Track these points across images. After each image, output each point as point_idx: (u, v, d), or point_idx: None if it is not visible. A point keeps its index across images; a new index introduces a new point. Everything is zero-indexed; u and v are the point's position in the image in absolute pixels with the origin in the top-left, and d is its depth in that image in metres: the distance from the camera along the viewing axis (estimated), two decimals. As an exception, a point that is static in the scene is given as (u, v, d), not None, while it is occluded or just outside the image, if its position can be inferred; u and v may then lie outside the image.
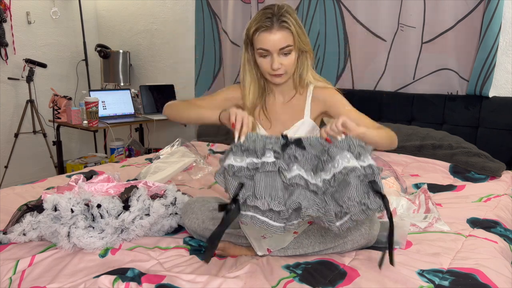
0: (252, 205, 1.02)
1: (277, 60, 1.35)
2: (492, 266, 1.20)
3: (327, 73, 2.76)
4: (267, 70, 1.39)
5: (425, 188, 1.67)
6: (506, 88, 2.30)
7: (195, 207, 1.37)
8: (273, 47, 1.33)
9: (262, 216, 1.04)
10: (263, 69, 1.40)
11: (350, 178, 1.06)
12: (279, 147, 1.09)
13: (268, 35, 1.32)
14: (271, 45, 1.33)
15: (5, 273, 1.19)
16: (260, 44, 1.34)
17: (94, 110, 2.93)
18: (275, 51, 1.34)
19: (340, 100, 1.45)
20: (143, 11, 3.79)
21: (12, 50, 3.50)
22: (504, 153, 2.20)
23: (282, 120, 1.50)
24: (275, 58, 1.35)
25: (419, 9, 2.42)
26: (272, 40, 1.32)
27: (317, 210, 1.04)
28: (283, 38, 1.32)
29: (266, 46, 1.33)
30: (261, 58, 1.37)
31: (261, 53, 1.36)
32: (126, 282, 1.09)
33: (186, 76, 3.61)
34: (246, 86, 1.47)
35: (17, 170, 3.57)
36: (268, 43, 1.33)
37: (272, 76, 1.40)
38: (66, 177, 2.08)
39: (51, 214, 1.30)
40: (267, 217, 1.04)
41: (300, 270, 1.19)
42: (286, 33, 1.32)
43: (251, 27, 1.36)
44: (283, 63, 1.36)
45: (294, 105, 1.50)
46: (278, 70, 1.36)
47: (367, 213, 1.07)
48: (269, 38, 1.32)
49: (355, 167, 1.06)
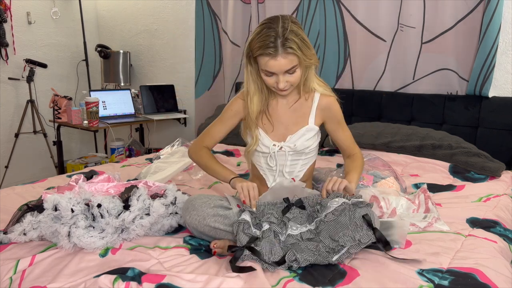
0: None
1: (283, 80, 1.37)
2: (492, 265, 1.20)
3: (327, 73, 2.76)
4: (271, 85, 1.42)
5: (424, 188, 1.68)
6: (506, 88, 2.30)
7: (197, 203, 1.38)
8: (278, 71, 1.35)
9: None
10: (268, 84, 1.42)
11: (341, 216, 1.24)
12: (280, 212, 1.32)
13: (273, 61, 1.33)
14: (276, 69, 1.35)
15: (5, 273, 1.19)
16: (264, 67, 1.36)
17: (95, 110, 2.94)
18: (280, 73, 1.36)
19: (338, 112, 1.54)
20: (143, 11, 3.79)
21: (13, 50, 3.51)
22: (504, 153, 2.20)
23: (285, 124, 1.52)
24: (280, 78, 1.37)
25: (419, 9, 2.42)
26: (277, 66, 1.34)
27: (312, 256, 1.20)
28: (288, 62, 1.34)
29: (271, 70, 1.35)
30: (266, 77, 1.40)
31: (266, 73, 1.39)
32: (126, 281, 1.09)
33: (186, 76, 3.62)
34: (250, 95, 1.49)
35: (18, 170, 3.57)
36: (273, 68, 1.35)
37: (278, 90, 1.43)
38: (67, 177, 2.08)
39: (51, 214, 1.30)
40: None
41: (300, 269, 1.20)
42: (291, 57, 1.33)
43: (253, 48, 1.36)
44: (288, 80, 1.39)
45: (298, 110, 1.52)
46: (284, 87, 1.40)
47: (360, 246, 1.22)
48: (274, 64, 1.34)
49: (344, 202, 1.25)
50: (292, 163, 1.52)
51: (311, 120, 1.51)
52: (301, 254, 1.20)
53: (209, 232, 1.35)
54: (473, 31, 2.28)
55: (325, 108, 1.52)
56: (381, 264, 1.20)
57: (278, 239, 1.26)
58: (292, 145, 1.49)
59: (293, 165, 1.52)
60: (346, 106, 1.75)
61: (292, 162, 1.52)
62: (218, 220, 1.34)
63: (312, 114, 1.51)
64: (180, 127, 3.68)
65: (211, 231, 1.35)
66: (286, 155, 1.50)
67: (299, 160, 1.52)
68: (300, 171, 1.54)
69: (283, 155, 1.50)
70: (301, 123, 1.51)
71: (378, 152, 2.18)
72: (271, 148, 1.49)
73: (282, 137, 1.51)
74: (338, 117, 1.55)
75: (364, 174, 1.73)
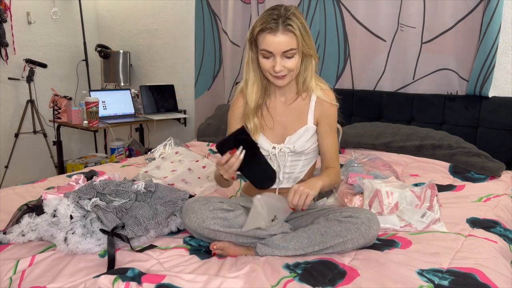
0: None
1: (280, 63, 1.36)
2: (492, 266, 1.20)
3: (327, 73, 2.76)
4: (269, 71, 1.40)
5: (433, 184, 1.62)
6: (506, 88, 2.30)
7: (196, 206, 1.38)
8: (276, 49, 1.34)
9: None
10: (265, 69, 1.40)
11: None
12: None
13: (272, 37, 1.33)
14: (275, 47, 1.34)
15: (5, 273, 1.19)
16: (263, 45, 1.35)
17: (95, 110, 2.93)
18: (278, 53, 1.34)
19: (333, 115, 1.51)
20: (143, 11, 3.79)
21: (12, 50, 3.50)
22: (504, 153, 2.20)
23: (283, 123, 1.51)
24: (277, 60, 1.35)
25: (419, 9, 2.42)
26: (276, 43, 1.33)
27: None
28: (287, 41, 1.33)
29: (269, 48, 1.34)
30: (264, 59, 1.38)
31: (264, 54, 1.37)
32: (126, 282, 1.09)
33: (186, 76, 3.62)
34: (249, 85, 1.49)
35: (17, 170, 3.57)
36: (271, 45, 1.34)
37: (274, 77, 1.41)
38: (67, 177, 2.08)
39: (48, 219, 1.30)
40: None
41: (300, 269, 1.20)
42: (291, 37, 1.33)
43: (256, 27, 1.37)
44: (285, 65, 1.37)
45: (296, 109, 1.51)
46: (280, 72, 1.37)
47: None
48: (273, 40, 1.33)
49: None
50: (292, 164, 1.51)
51: (310, 120, 1.50)
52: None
53: (209, 235, 1.35)
54: (473, 31, 2.28)
55: (320, 109, 1.50)
56: (381, 264, 1.21)
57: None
58: (291, 147, 1.48)
59: (293, 166, 1.52)
60: (346, 106, 1.76)
61: (292, 163, 1.51)
62: (218, 222, 1.33)
63: (310, 113, 1.50)
64: (180, 127, 3.68)
65: (210, 233, 1.35)
66: (286, 156, 1.49)
67: (299, 161, 1.52)
68: (300, 172, 1.53)
69: (283, 156, 1.50)
70: (300, 123, 1.50)
71: (378, 152, 2.18)
72: (271, 151, 1.49)
73: (281, 137, 1.51)
74: (331, 121, 1.51)
75: (364, 174, 1.73)
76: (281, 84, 1.43)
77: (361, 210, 1.36)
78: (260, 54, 1.38)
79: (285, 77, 1.40)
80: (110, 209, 1.32)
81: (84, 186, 1.41)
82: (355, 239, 1.28)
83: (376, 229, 1.31)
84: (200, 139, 2.91)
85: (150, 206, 1.40)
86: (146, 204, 1.39)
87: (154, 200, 1.46)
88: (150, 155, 2.47)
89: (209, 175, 2.05)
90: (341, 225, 1.29)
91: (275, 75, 1.39)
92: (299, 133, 1.49)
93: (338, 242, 1.28)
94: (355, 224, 1.28)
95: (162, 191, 1.49)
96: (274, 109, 1.52)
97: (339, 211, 1.35)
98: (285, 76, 1.40)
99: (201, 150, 2.65)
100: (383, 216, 1.52)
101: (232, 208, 1.39)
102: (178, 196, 1.49)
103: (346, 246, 1.29)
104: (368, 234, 1.29)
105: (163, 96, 3.48)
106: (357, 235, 1.28)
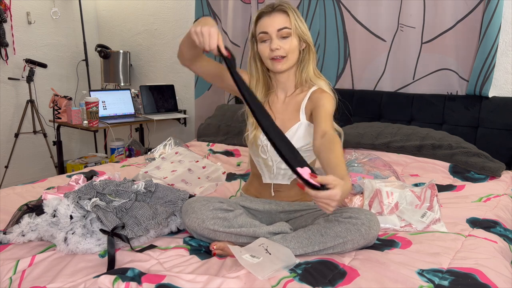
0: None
1: (276, 42, 1.41)
2: (492, 266, 1.20)
3: (327, 73, 2.76)
4: (266, 55, 1.44)
5: (433, 184, 1.63)
6: (506, 88, 2.30)
7: (196, 206, 1.38)
8: (271, 27, 1.41)
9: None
10: (264, 56, 1.45)
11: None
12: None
13: (267, 18, 1.43)
14: (269, 25, 1.41)
15: (5, 273, 1.19)
16: (260, 29, 1.43)
17: (94, 110, 2.93)
18: (273, 32, 1.41)
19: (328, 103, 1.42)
20: (143, 11, 3.79)
21: (12, 50, 3.50)
22: (504, 153, 2.20)
23: (281, 119, 1.51)
24: (273, 39, 1.41)
25: (419, 9, 2.42)
26: (270, 21, 1.41)
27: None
28: (281, 20, 1.41)
29: (265, 29, 1.42)
30: (262, 45, 1.44)
31: (261, 38, 1.43)
32: (126, 282, 1.09)
33: (186, 76, 3.62)
34: (253, 82, 1.53)
35: (17, 170, 3.57)
36: (266, 26, 1.42)
37: (273, 61, 1.43)
38: (67, 177, 2.08)
39: (48, 220, 1.30)
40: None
41: (300, 269, 1.19)
42: (284, 17, 1.42)
43: (254, 19, 1.47)
44: (282, 46, 1.41)
45: (291, 106, 1.52)
46: (277, 52, 1.41)
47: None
48: (268, 20, 1.42)
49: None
50: None
51: (302, 116, 1.49)
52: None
53: (209, 235, 1.35)
54: (473, 31, 2.28)
55: (312, 99, 1.46)
56: (381, 264, 1.20)
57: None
58: None
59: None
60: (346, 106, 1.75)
61: None
62: (217, 222, 1.33)
63: (302, 109, 1.49)
64: (180, 127, 3.68)
65: (210, 233, 1.35)
66: None
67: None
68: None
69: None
70: (293, 119, 1.49)
71: (378, 152, 2.18)
72: (263, 140, 1.49)
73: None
74: (325, 107, 1.40)
75: (364, 174, 1.73)
76: (280, 68, 1.44)
77: (361, 210, 1.35)
78: (259, 42, 1.45)
79: (283, 60, 1.43)
80: (110, 209, 1.32)
81: (84, 186, 1.41)
82: (355, 239, 1.28)
83: (376, 230, 1.31)
84: (200, 139, 2.91)
85: (150, 206, 1.40)
86: (146, 204, 1.39)
87: (154, 200, 1.46)
88: (150, 155, 2.47)
89: (209, 175, 2.05)
90: (341, 226, 1.29)
91: (273, 56, 1.42)
92: (293, 130, 1.48)
93: (338, 242, 1.28)
94: (355, 224, 1.28)
95: (162, 191, 1.49)
96: (275, 107, 1.53)
97: (339, 212, 1.35)
98: (283, 59, 1.43)
99: (201, 150, 2.65)
100: (383, 216, 1.52)
101: (232, 208, 1.39)
102: (178, 196, 1.50)
103: (346, 247, 1.29)
104: (368, 235, 1.28)
105: (163, 96, 3.48)
106: (357, 236, 1.28)
